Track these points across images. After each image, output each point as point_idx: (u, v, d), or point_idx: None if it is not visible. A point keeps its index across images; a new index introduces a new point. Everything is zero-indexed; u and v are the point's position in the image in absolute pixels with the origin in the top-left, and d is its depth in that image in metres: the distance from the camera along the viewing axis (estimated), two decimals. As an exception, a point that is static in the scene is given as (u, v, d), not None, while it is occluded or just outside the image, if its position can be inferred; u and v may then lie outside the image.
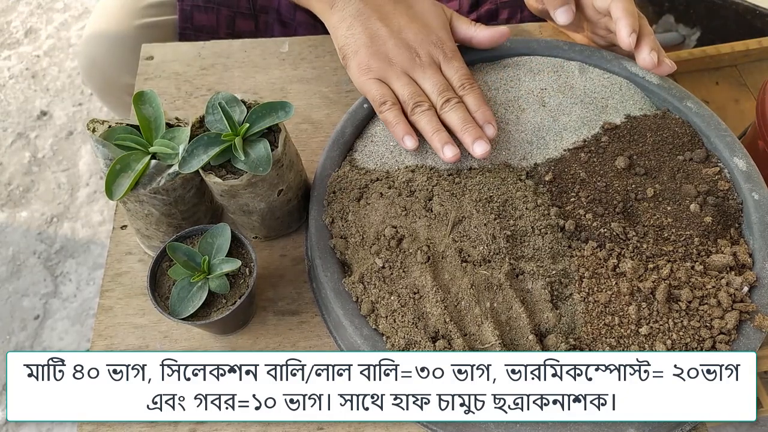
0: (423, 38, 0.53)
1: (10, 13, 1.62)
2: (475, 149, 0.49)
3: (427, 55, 0.53)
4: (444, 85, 0.52)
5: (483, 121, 0.51)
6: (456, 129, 0.50)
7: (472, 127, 0.50)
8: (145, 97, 0.46)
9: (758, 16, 0.89)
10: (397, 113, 0.51)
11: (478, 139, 0.49)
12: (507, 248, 0.46)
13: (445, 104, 0.51)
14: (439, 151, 0.50)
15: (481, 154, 0.49)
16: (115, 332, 0.50)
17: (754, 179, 0.50)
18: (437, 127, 0.50)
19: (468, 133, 0.49)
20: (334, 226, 0.49)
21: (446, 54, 0.54)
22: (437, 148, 0.50)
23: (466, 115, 0.50)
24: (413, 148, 0.50)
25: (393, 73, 0.53)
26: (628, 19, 0.52)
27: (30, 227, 1.27)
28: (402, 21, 0.54)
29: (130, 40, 0.74)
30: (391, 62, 0.53)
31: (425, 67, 0.53)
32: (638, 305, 0.44)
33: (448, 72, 0.53)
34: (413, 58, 0.53)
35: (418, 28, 0.54)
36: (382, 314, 0.45)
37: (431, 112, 0.51)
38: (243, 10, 0.77)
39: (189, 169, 0.43)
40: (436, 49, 0.54)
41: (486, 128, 0.50)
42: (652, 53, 0.52)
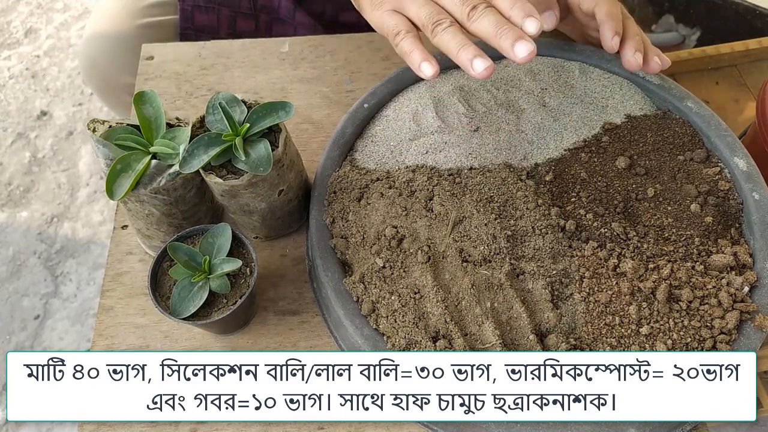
0: None
1: (10, 13, 1.62)
2: (517, 52, 0.41)
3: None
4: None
5: (521, 17, 0.43)
6: (490, 36, 0.43)
7: (508, 29, 0.42)
8: (146, 97, 0.46)
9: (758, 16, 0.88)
10: (412, 40, 0.45)
11: (519, 40, 0.41)
12: (507, 248, 0.46)
13: (471, 12, 0.43)
14: (468, 66, 0.43)
15: (526, 57, 0.41)
16: (115, 332, 0.50)
17: (755, 179, 0.50)
18: (463, 42, 0.43)
19: (505, 36, 0.42)
20: (335, 226, 0.50)
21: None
22: (465, 64, 0.43)
23: (499, 18, 0.43)
24: (431, 76, 0.44)
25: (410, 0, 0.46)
26: (611, 22, 0.51)
27: (30, 227, 1.27)
28: None
29: (131, 40, 0.74)
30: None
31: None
32: (639, 305, 0.44)
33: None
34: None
35: None
36: (382, 314, 0.45)
37: (455, 27, 0.44)
38: (244, 10, 0.77)
39: (189, 169, 0.43)
40: None
41: (527, 24, 0.42)
42: (636, 54, 0.51)
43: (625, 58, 0.52)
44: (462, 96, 0.55)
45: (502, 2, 0.44)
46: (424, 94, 0.55)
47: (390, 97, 0.56)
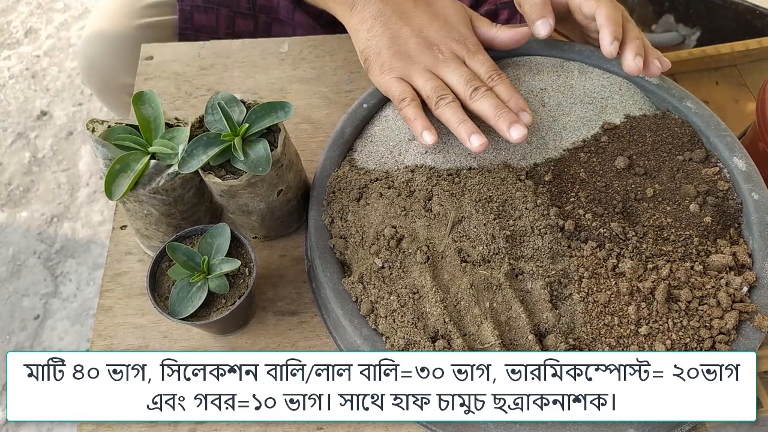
0: (445, 35, 0.52)
1: (10, 13, 1.62)
2: (512, 134, 0.47)
3: (449, 51, 0.52)
4: (471, 75, 0.50)
5: (517, 109, 0.49)
6: (488, 116, 0.48)
7: (506, 113, 0.48)
8: (145, 97, 0.46)
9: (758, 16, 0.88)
10: (416, 108, 0.50)
11: (514, 124, 0.47)
12: (506, 248, 0.46)
13: (474, 93, 0.49)
14: (466, 141, 0.48)
15: (519, 139, 0.47)
16: (114, 332, 0.50)
17: (754, 179, 0.50)
18: (463, 118, 0.48)
19: (503, 119, 0.47)
20: (334, 226, 0.49)
21: (469, 49, 0.52)
22: (464, 138, 0.48)
23: (498, 101, 0.49)
24: (431, 144, 0.48)
25: (415, 70, 0.51)
26: (610, 26, 0.51)
27: (30, 227, 1.27)
28: (423, 19, 0.53)
29: (130, 41, 0.74)
30: (414, 60, 0.51)
31: (449, 62, 0.51)
32: (638, 305, 0.44)
33: (474, 65, 0.52)
34: (436, 54, 0.51)
35: (440, 25, 0.53)
36: (381, 314, 0.45)
37: (456, 104, 0.49)
38: (243, 10, 0.77)
39: (188, 169, 0.43)
40: (458, 45, 0.52)
41: (521, 115, 0.49)
42: (636, 59, 0.51)
43: (626, 62, 0.52)
44: (461, 96, 0.55)
45: (501, 92, 0.50)
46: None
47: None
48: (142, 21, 0.76)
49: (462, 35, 0.53)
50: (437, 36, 0.52)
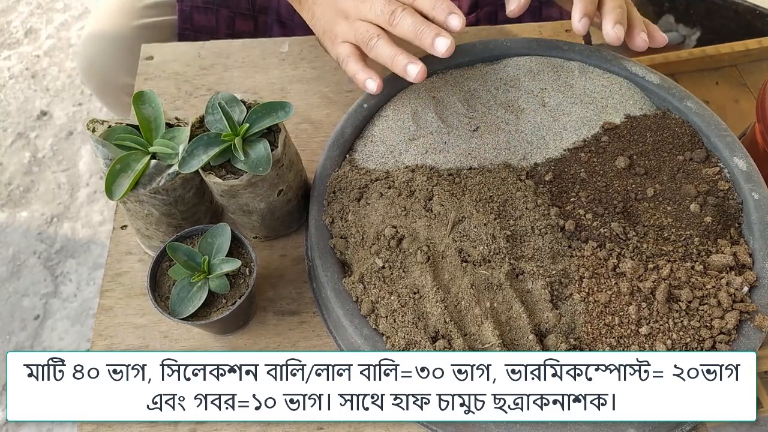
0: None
1: (10, 13, 1.62)
2: (437, 47, 0.44)
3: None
4: (385, 3, 0.47)
5: (444, 15, 0.45)
6: (412, 38, 0.45)
7: (426, 27, 0.45)
8: (145, 96, 0.46)
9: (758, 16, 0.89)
10: (355, 61, 0.48)
11: (438, 36, 0.44)
12: (507, 248, 0.46)
13: (391, 18, 0.46)
14: (404, 74, 0.46)
15: (445, 51, 0.44)
16: (115, 332, 0.50)
17: (754, 179, 0.50)
18: (393, 52, 0.46)
19: (425, 35, 0.44)
20: (334, 226, 0.49)
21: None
22: (400, 72, 0.46)
23: (416, 18, 0.45)
24: (375, 90, 0.47)
25: (348, 25, 0.49)
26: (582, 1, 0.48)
27: (30, 227, 1.27)
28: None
29: (129, 41, 0.74)
30: (346, 16, 0.50)
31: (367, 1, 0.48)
32: (638, 305, 0.44)
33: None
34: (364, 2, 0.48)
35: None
36: (382, 314, 0.45)
37: (383, 39, 0.47)
38: (242, 11, 0.77)
39: (189, 169, 0.43)
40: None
41: (450, 21, 0.45)
42: (616, 27, 0.48)
43: (604, 31, 0.49)
44: (461, 96, 0.55)
45: (423, 3, 0.46)
46: (423, 94, 0.55)
47: (389, 97, 0.56)
48: (141, 21, 0.76)
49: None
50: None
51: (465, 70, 0.57)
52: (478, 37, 0.66)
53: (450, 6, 0.45)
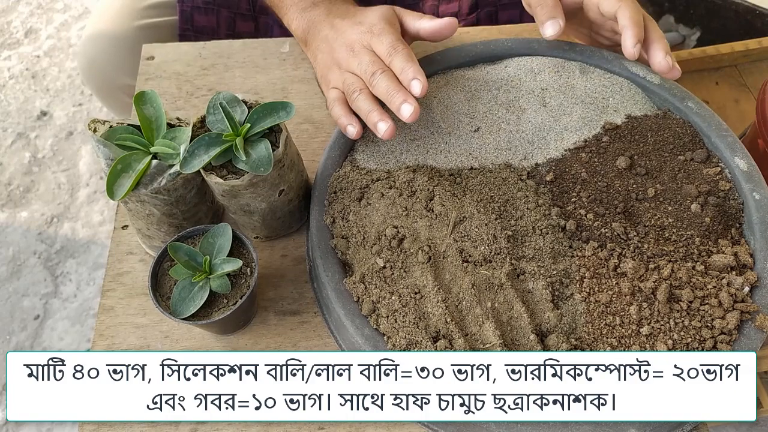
0: (357, 32, 0.54)
1: (10, 13, 1.62)
2: (403, 113, 0.48)
3: (359, 45, 0.53)
4: (369, 62, 0.51)
5: (409, 79, 0.49)
6: (385, 100, 0.49)
7: (395, 93, 0.49)
8: (146, 97, 0.46)
9: (758, 16, 0.89)
10: (339, 107, 0.52)
11: (403, 103, 0.48)
12: (508, 248, 0.46)
13: (371, 78, 0.50)
14: (375, 130, 0.49)
15: (408, 118, 0.48)
16: (116, 332, 0.50)
17: (755, 179, 0.50)
18: (370, 108, 0.50)
19: (393, 99, 0.48)
20: (335, 226, 0.50)
21: (374, 34, 0.53)
22: (372, 127, 0.49)
23: (391, 82, 0.49)
24: (354, 136, 0.51)
25: (339, 75, 0.54)
26: (634, 29, 0.50)
27: (30, 227, 1.27)
28: (338, 31, 0.56)
29: (130, 41, 0.74)
30: (339, 65, 0.54)
31: (356, 55, 0.53)
32: (639, 305, 0.44)
33: (377, 47, 0.52)
34: (349, 52, 0.53)
35: (355, 27, 0.55)
36: (383, 314, 0.45)
37: (363, 93, 0.51)
38: (243, 11, 0.77)
39: (190, 169, 0.43)
40: (366, 36, 0.53)
41: (412, 85, 0.48)
42: (667, 57, 0.52)
43: (656, 60, 0.52)
44: (462, 96, 0.55)
45: (396, 64, 0.50)
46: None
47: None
48: (142, 22, 0.76)
49: (370, 26, 0.54)
50: (352, 36, 0.54)
51: (466, 70, 0.58)
52: (478, 37, 0.66)
53: (415, 71, 0.49)
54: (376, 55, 0.52)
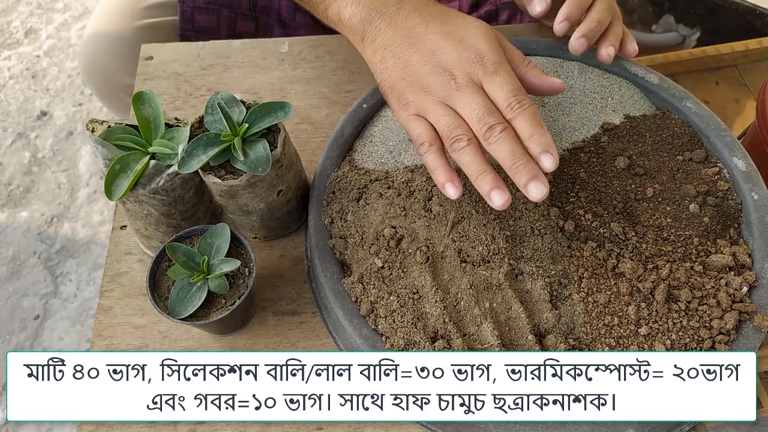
0: (458, 56, 0.45)
1: (10, 13, 1.62)
2: (531, 191, 0.41)
3: (463, 75, 0.45)
4: (484, 109, 0.43)
5: (538, 151, 0.42)
6: (505, 167, 0.42)
7: (522, 164, 0.41)
8: (145, 97, 0.46)
9: (758, 16, 0.89)
10: (436, 156, 0.44)
11: (533, 180, 0.40)
12: (506, 248, 0.46)
13: (487, 134, 0.42)
14: (486, 197, 0.42)
15: (539, 198, 0.41)
16: (114, 332, 0.50)
17: (754, 179, 0.50)
18: (480, 169, 0.42)
19: (519, 174, 0.41)
20: (334, 226, 0.50)
21: (487, 69, 0.45)
22: (483, 194, 0.42)
23: (515, 147, 0.42)
24: (456, 197, 0.43)
25: (429, 104, 0.45)
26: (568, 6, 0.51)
27: (30, 227, 1.27)
28: (435, 41, 0.46)
29: (131, 41, 0.74)
30: (427, 91, 0.45)
31: (463, 90, 0.44)
32: (637, 305, 0.44)
33: (492, 90, 0.44)
34: (449, 81, 0.45)
35: (453, 46, 0.46)
36: (381, 314, 0.45)
37: (472, 147, 0.43)
38: (244, 11, 0.77)
39: (188, 170, 0.43)
40: (475, 66, 0.45)
41: (542, 160, 0.41)
42: (579, 39, 0.51)
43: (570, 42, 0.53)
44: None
45: (521, 128, 0.43)
46: (423, 94, 0.55)
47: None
48: (143, 22, 0.76)
49: (479, 53, 0.45)
50: (450, 59, 0.45)
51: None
52: (477, 37, 0.66)
53: (547, 142, 0.42)
54: (489, 99, 0.44)
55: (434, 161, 0.44)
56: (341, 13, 0.50)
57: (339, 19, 0.51)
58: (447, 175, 0.43)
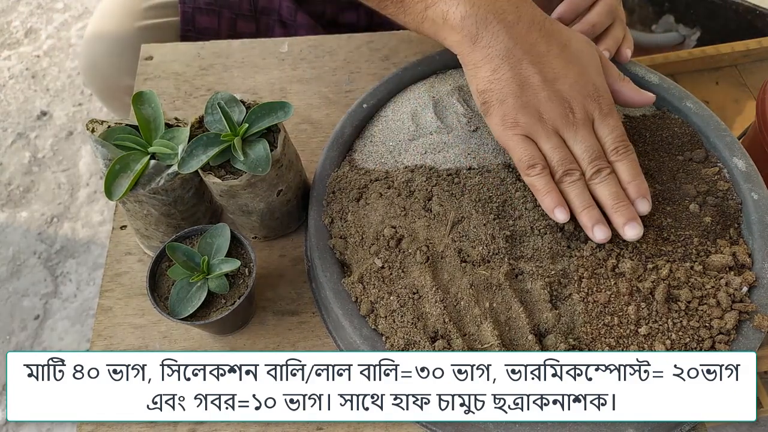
0: (579, 90, 0.47)
1: (10, 13, 1.62)
2: (627, 232, 0.45)
3: (581, 110, 0.47)
4: (596, 152, 0.46)
5: (636, 196, 0.46)
6: (606, 206, 0.46)
7: (623, 206, 0.45)
8: (145, 97, 0.46)
9: (758, 16, 0.88)
10: (547, 181, 0.46)
11: (631, 221, 0.45)
12: (506, 248, 0.46)
13: (595, 175, 0.46)
14: (588, 230, 0.46)
15: (633, 238, 0.45)
16: (114, 332, 0.50)
17: (754, 179, 0.50)
18: (587, 203, 0.46)
19: (619, 214, 0.45)
20: (334, 226, 0.49)
21: (602, 109, 0.47)
22: (586, 226, 0.46)
23: (618, 190, 0.46)
24: (564, 221, 0.46)
25: (543, 131, 0.46)
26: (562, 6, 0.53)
27: (30, 227, 1.27)
28: (557, 66, 0.47)
29: (132, 42, 0.74)
30: (542, 118, 0.46)
31: (578, 127, 0.47)
32: (637, 305, 0.44)
33: (602, 131, 0.47)
34: (566, 114, 0.46)
35: (575, 76, 0.47)
36: (381, 314, 0.45)
37: (581, 183, 0.46)
38: (244, 12, 0.77)
39: (188, 170, 0.43)
40: (592, 104, 0.47)
41: (639, 204, 0.46)
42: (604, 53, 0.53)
43: None
44: (461, 96, 0.55)
45: (622, 172, 0.47)
46: (423, 95, 0.55)
47: (389, 97, 0.56)
48: (144, 22, 0.76)
49: (597, 90, 0.48)
50: (571, 90, 0.47)
51: (464, 70, 0.57)
52: (477, 37, 0.66)
53: (645, 188, 0.47)
54: (598, 141, 0.47)
55: (546, 185, 0.46)
56: (448, 12, 0.47)
57: (444, 19, 0.48)
58: (557, 200, 0.46)
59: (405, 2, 0.50)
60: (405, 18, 0.51)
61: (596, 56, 0.50)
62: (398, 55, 0.66)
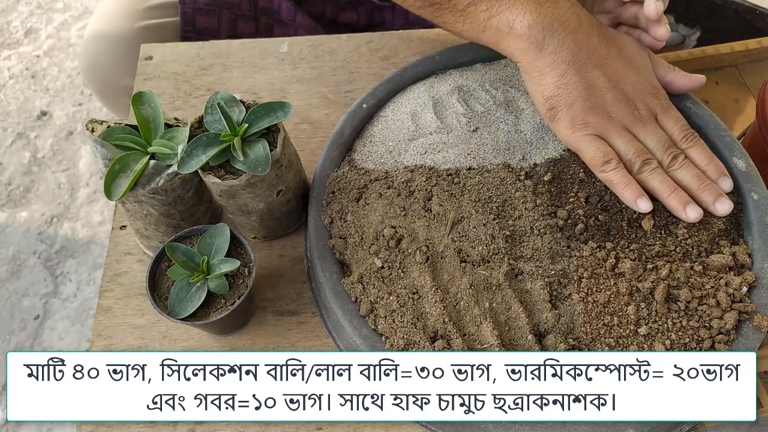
0: (640, 88, 0.50)
1: (10, 13, 1.62)
2: (718, 208, 0.47)
3: (645, 107, 0.49)
4: (668, 141, 0.49)
5: (717, 175, 0.48)
6: (692, 188, 0.47)
7: (709, 185, 0.47)
8: (144, 97, 0.46)
9: (758, 16, 0.88)
10: (624, 174, 0.47)
11: (720, 197, 0.47)
12: (506, 248, 0.46)
13: (672, 162, 0.48)
14: (680, 212, 0.46)
15: (725, 213, 0.47)
16: (114, 332, 0.50)
17: (753, 179, 0.50)
18: (673, 187, 0.47)
19: (708, 193, 0.47)
20: (333, 226, 0.49)
21: (662, 105, 0.50)
22: (677, 209, 0.47)
23: (698, 171, 0.48)
24: (648, 211, 0.47)
25: (614, 129, 0.48)
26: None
27: (30, 227, 1.27)
28: (617, 68, 0.50)
29: (131, 42, 0.74)
30: (611, 117, 0.48)
31: (645, 122, 0.49)
32: (637, 305, 0.44)
33: (667, 124, 0.50)
34: (632, 111, 0.49)
35: (634, 76, 0.50)
36: (381, 314, 0.45)
37: (661, 170, 0.48)
38: (244, 13, 0.77)
39: (188, 170, 0.43)
40: (653, 100, 0.50)
41: (722, 182, 0.48)
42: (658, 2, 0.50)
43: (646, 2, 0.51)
44: (461, 96, 0.55)
45: (697, 157, 0.49)
46: (422, 95, 0.55)
47: (389, 97, 0.56)
48: (144, 23, 0.75)
49: (654, 88, 0.51)
50: (633, 90, 0.50)
51: (464, 70, 0.57)
52: (477, 37, 0.66)
53: (722, 168, 0.48)
54: (665, 133, 0.49)
55: (623, 178, 0.47)
56: (515, 21, 0.48)
57: (511, 27, 0.49)
58: (638, 191, 0.47)
59: (467, 11, 0.50)
60: (463, 26, 0.51)
61: (646, 56, 0.52)
62: (398, 55, 0.66)
